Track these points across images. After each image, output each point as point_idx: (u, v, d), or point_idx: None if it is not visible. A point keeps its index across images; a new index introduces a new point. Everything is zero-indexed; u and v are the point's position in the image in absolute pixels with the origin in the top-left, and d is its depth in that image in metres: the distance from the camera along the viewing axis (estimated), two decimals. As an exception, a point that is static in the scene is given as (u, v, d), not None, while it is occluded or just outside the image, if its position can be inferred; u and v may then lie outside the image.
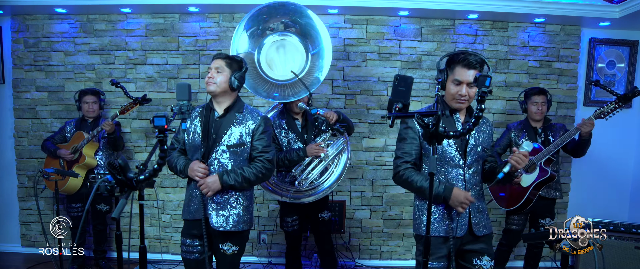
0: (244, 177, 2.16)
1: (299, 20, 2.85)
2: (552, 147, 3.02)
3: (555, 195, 3.20)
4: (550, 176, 3.02)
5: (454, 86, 1.94)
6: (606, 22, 3.66)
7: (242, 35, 2.83)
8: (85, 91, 3.52)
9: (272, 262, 3.90)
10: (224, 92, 2.19)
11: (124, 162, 1.73)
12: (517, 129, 3.31)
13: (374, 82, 3.83)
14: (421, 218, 2.06)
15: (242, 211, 2.24)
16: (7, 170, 3.99)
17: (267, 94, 2.87)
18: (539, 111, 3.19)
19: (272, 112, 3.11)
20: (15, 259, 3.88)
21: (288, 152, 2.81)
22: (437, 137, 1.74)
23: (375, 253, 3.97)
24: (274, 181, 2.93)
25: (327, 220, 2.99)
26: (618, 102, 2.88)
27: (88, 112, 3.48)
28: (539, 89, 3.24)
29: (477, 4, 3.50)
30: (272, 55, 2.92)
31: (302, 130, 2.91)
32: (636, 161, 3.95)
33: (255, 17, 2.81)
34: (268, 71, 2.92)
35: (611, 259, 3.25)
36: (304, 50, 2.91)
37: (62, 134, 3.57)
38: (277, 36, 2.91)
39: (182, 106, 1.89)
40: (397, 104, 1.75)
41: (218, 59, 2.20)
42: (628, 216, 3.94)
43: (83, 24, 3.82)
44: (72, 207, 3.50)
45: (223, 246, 2.23)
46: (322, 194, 2.85)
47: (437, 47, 3.79)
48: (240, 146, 2.19)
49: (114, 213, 1.69)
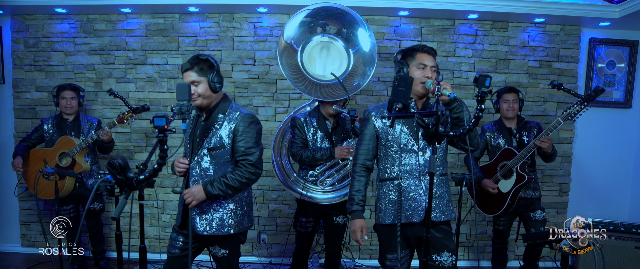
0: (228, 185, 2.09)
1: (351, 33, 2.90)
2: (526, 152, 3.02)
3: (534, 195, 3.20)
4: (528, 180, 3.04)
5: (420, 70, 2.03)
6: (606, 22, 3.66)
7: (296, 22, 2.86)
8: (64, 86, 3.39)
9: (272, 262, 3.90)
10: (209, 98, 2.15)
11: (124, 162, 1.73)
12: (492, 131, 3.32)
13: (374, 82, 3.83)
14: (381, 206, 2.12)
15: (227, 214, 2.17)
16: (7, 170, 3.99)
17: (306, 89, 2.88)
18: (511, 108, 3.19)
19: (304, 109, 3.18)
20: (15, 259, 3.88)
21: (315, 151, 2.82)
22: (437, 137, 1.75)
23: (375, 253, 3.97)
24: (294, 178, 2.95)
25: (342, 225, 2.99)
26: (582, 102, 2.90)
27: (66, 108, 3.36)
28: (510, 87, 3.26)
29: (477, 4, 3.50)
30: (314, 54, 2.93)
31: (331, 131, 2.92)
32: (636, 161, 3.95)
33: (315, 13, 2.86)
34: (308, 66, 2.92)
35: (611, 259, 3.25)
36: (346, 57, 2.93)
37: (40, 134, 3.42)
38: (326, 38, 2.93)
39: (182, 106, 1.88)
40: (397, 104, 1.75)
41: (188, 72, 2.08)
42: (628, 216, 3.94)
43: (83, 24, 3.82)
44: (63, 209, 3.41)
45: (213, 249, 2.23)
46: (339, 199, 2.85)
47: (437, 47, 3.79)
48: (220, 148, 2.12)
49: (114, 213, 1.69)
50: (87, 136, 3.35)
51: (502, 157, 3.14)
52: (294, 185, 2.95)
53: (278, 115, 3.86)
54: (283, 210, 3.92)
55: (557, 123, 2.94)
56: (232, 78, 3.84)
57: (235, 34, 3.80)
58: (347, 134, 2.93)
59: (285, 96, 3.85)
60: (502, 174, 3.13)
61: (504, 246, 3.45)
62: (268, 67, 3.82)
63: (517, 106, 3.22)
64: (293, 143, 2.90)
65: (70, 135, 3.36)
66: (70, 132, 3.39)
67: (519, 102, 3.23)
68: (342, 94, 2.82)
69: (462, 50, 3.81)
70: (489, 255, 3.87)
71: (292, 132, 2.94)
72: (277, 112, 3.86)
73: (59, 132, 3.40)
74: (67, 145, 3.30)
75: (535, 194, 3.22)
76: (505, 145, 3.20)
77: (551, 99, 3.87)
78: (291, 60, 2.88)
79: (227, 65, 3.82)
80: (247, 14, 3.78)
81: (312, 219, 2.95)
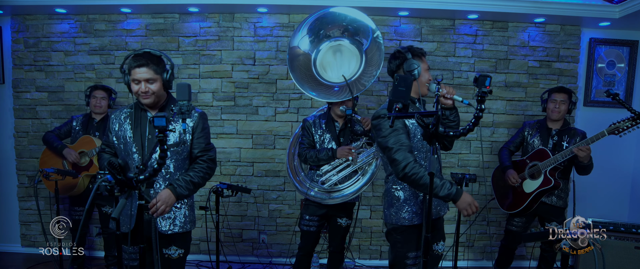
0: (193, 182, 2.09)
1: (352, 29, 2.90)
2: (560, 157, 2.93)
3: (557, 203, 3.11)
4: (554, 185, 2.97)
5: (427, 73, 2.14)
6: (606, 22, 3.66)
7: (304, 38, 2.89)
8: (97, 86, 3.45)
9: (272, 262, 3.90)
10: (161, 96, 2.12)
11: (124, 162, 1.73)
12: (532, 128, 3.24)
13: (374, 82, 3.82)
14: (402, 210, 2.13)
15: (188, 210, 2.19)
16: (7, 170, 3.99)
17: (316, 94, 2.88)
18: (557, 109, 3.07)
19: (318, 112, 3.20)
20: (15, 259, 3.88)
21: (319, 151, 2.87)
22: (437, 137, 1.74)
23: (375, 253, 3.97)
24: (302, 177, 2.97)
25: (345, 227, 3.00)
26: (635, 119, 2.67)
27: (95, 107, 3.38)
28: (562, 87, 3.13)
29: (477, 4, 3.50)
30: (329, 59, 2.94)
31: (339, 133, 2.93)
32: (636, 161, 3.95)
33: (311, 27, 2.88)
34: (322, 72, 2.93)
35: (611, 259, 3.25)
36: (358, 56, 2.92)
37: (68, 128, 3.44)
38: (333, 42, 2.94)
39: (182, 106, 1.88)
40: (397, 104, 1.75)
41: (143, 68, 2.00)
42: (628, 216, 3.94)
43: (83, 24, 3.82)
44: (74, 210, 3.43)
45: (167, 250, 2.13)
46: (341, 199, 2.85)
47: (437, 47, 3.79)
48: (181, 144, 2.12)
49: (114, 213, 1.68)
50: None
51: (535, 157, 3.07)
52: (299, 185, 2.99)
53: (278, 115, 3.86)
54: (283, 210, 3.92)
55: (601, 135, 2.80)
56: (232, 78, 3.84)
57: (235, 34, 3.80)
58: (356, 137, 2.90)
59: (285, 96, 3.85)
60: (529, 173, 3.07)
61: (510, 248, 3.34)
62: (268, 67, 3.82)
63: (564, 108, 3.07)
64: (301, 144, 2.95)
65: (95, 135, 3.37)
66: (94, 133, 3.39)
67: (568, 104, 3.08)
68: (347, 95, 2.78)
69: (462, 50, 3.81)
70: (489, 255, 3.88)
71: (302, 133, 2.99)
72: (277, 112, 3.86)
73: (83, 131, 3.41)
74: (88, 144, 3.33)
75: (559, 204, 3.10)
76: (540, 145, 3.12)
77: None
78: (308, 70, 2.90)
79: (227, 65, 3.82)
80: (247, 14, 3.78)
81: (315, 218, 2.94)
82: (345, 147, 2.82)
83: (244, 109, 3.87)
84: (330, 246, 3.08)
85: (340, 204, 2.90)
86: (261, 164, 3.89)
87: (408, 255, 2.12)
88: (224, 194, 3.01)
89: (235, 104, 3.86)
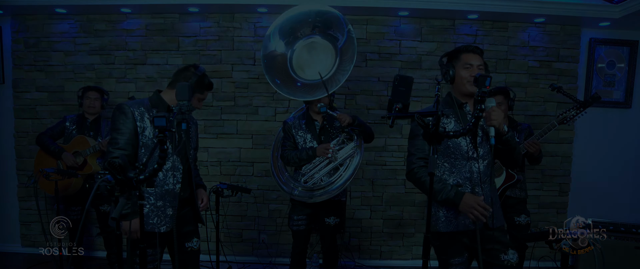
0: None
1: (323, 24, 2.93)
2: None
3: (520, 194, 3.18)
4: (516, 181, 3.06)
5: (467, 70, 2.01)
6: (606, 22, 3.66)
7: (277, 41, 2.99)
8: (90, 87, 3.48)
9: (272, 262, 3.90)
10: None
11: (124, 162, 1.73)
12: None
13: (374, 82, 3.83)
14: (438, 214, 2.05)
15: None
16: (7, 170, 3.99)
17: (290, 92, 2.92)
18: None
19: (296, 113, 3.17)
20: (15, 259, 3.88)
21: (300, 151, 2.86)
22: (437, 137, 1.74)
23: (375, 253, 3.97)
24: (286, 177, 2.97)
25: (333, 226, 2.99)
26: (579, 107, 2.93)
27: (89, 108, 3.41)
28: (498, 88, 3.17)
29: (477, 4, 3.50)
30: (305, 57, 2.99)
31: (319, 131, 2.93)
32: (636, 161, 3.95)
33: (281, 29, 2.96)
34: (299, 72, 2.97)
35: (611, 259, 3.24)
36: (333, 52, 2.95)
37: (61, 128, 3.44)
38: (304, 40, 3.00)
39: (182, 106, 1.88)
40: (397, 104, 1.75)
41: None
42: (628, 216, 3.94)
43: (83, 24, 3.82)
44: (71, 210, 3.43)
45: (190, 243, 2.35)
46: (326, 196, 2.85)
47: (437, 47, 3.79)
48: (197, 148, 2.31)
49: (114, 213, 1.68)
50: (104, 139, 3.35)
51: None
52: (287, 184, 2.98)
53: (278, 115, 3.86)
54: (283, 210, 3.92)
55: (552, 126, 2.96)
56: (232, 78, 3.84)
57: (235, 34, 3.80)
58: (336, 133, 2.88)
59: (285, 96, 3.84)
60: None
61: None
62: (268, 67, 3.82)
63: (504, 108, 3.09)
64: (283, 147, 2.94)
65: (89, 135, 3.38)
66: (88, 133, 3.41)
67: (506, 103, 3.12)
68: (322, 92, 2.78)
69: (462, 50, 3.81)
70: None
71: (283, 136, 2.98)
72: (277, 112, 3.86)
73: (77, 130, 3.42)
74: (82, 145, 3.34)
75: (522, 195, 3.18)
76: None
77: (551, 99, 3.87)
78: (285, 70, 2.95)
79: (227, 66, 3.82)
80: (247, 14, 3.78)
81: (303, 217, 2.94)
82: (323, 146, 2.80)
83: (244, 109, 3.87)
84: (322, 246, 3.07)
85: (327, 202, 2.90)
86: (261, 164, 3.89)
87: (450, 261, 2.04)
88: (224, 194, 3.01)
89: (235, 104, 3.86)
